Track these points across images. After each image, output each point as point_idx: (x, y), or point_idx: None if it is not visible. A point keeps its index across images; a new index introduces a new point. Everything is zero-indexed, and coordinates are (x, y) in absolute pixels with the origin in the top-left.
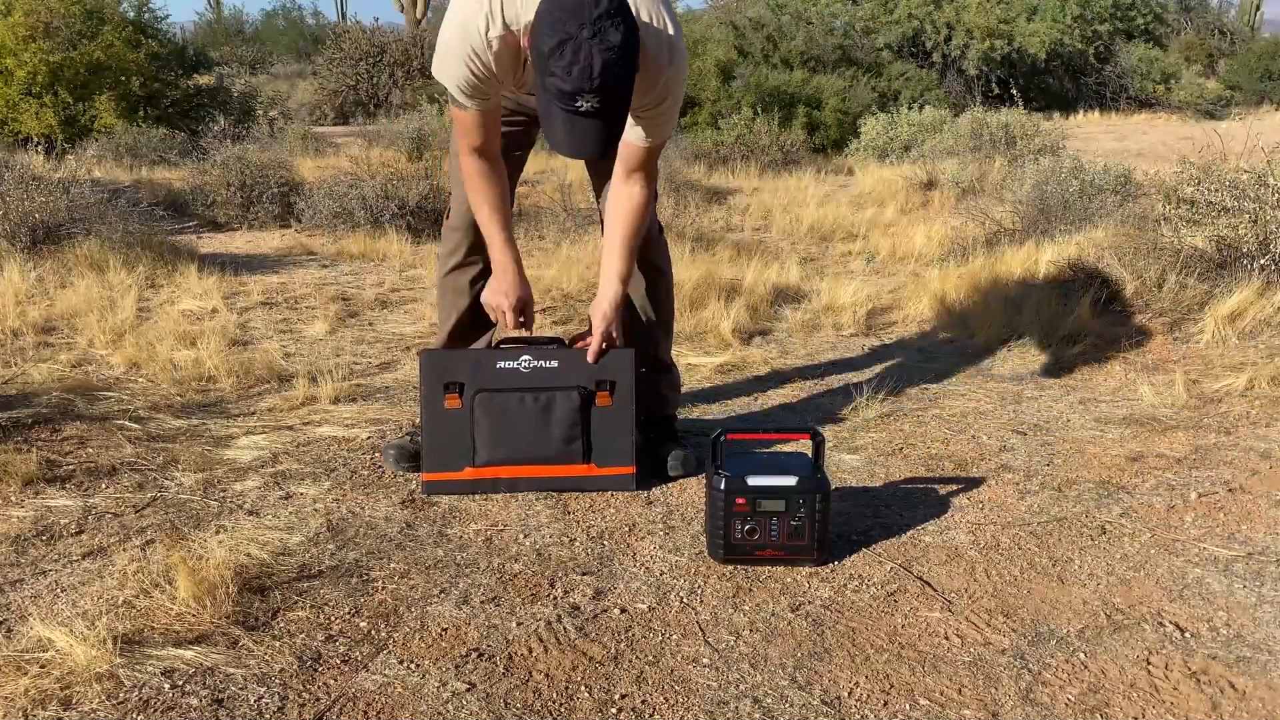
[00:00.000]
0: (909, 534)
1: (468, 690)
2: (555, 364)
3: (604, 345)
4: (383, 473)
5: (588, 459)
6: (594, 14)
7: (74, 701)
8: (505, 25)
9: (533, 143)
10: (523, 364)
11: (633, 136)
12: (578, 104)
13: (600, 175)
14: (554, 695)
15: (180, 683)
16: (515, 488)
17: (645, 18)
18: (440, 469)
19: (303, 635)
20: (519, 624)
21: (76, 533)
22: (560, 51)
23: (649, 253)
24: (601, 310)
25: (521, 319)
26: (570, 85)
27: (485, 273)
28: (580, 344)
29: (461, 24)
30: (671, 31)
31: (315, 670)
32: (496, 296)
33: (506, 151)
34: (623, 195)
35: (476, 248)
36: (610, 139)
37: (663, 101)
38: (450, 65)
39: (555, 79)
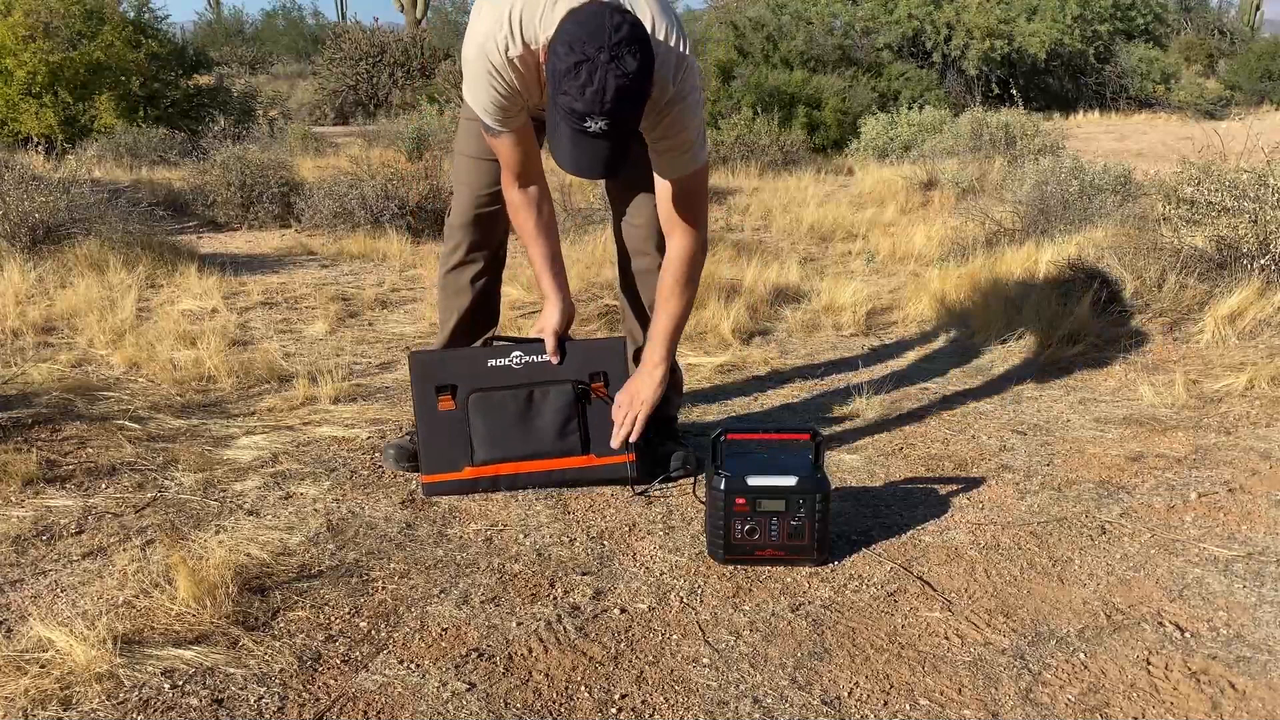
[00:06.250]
0: (909, 534)
1: (468, 690)
2: (546, 358)
3: (625, 432)
4: (383, 473)
5: (586, 450)
6: (613, 39)
7: (74, 701)
8: (524, 44)
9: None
10: (514, 360)
11: (661, 173)
12: (586, 124)
13: (615, 190)
14: (554, 695)
15: (180, 683)
16: (515, 484)
17: (661, 37)
18: (439, 470)
19: (303, 635)
20: (519, 624)
21: (76, 533)
22: (576, 72)
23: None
24: (641, 397)
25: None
26: (582, 106)
27: (486, 271)
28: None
29: (480, 44)
30: (681, 48)
31: (315, 670)
32: (545, 334)
33: None
34: (666, 253)
35: (477, 245)
36: (613, 163)
37: (672, 126)
38: (474, 87)
39: (568, 98)
